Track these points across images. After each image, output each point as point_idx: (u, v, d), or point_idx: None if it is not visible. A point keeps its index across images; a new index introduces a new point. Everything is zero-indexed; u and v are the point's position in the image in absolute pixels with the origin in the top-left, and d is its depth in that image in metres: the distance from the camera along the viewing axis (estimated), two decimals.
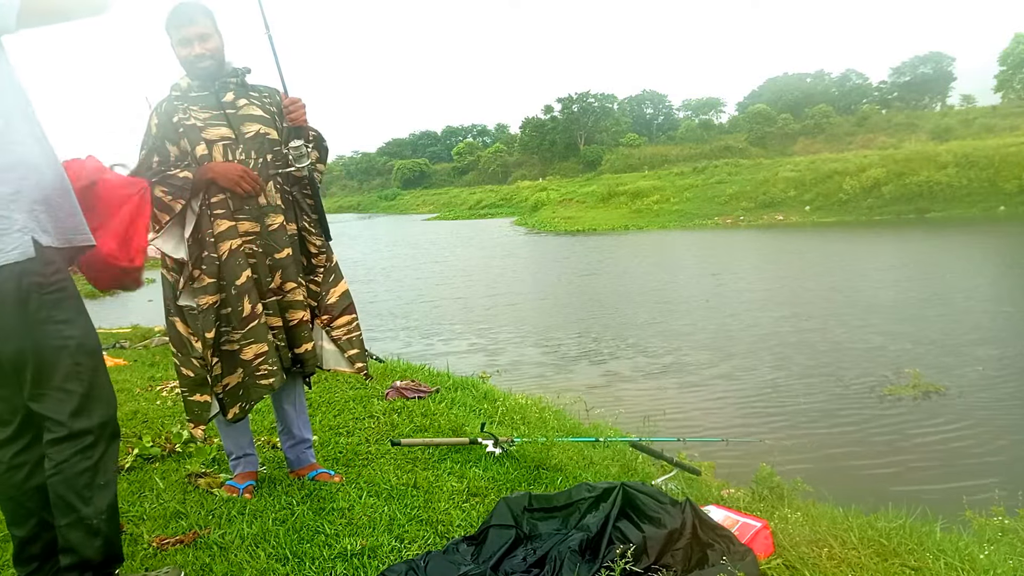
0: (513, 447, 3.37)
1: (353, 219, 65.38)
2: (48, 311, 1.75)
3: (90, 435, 1.81)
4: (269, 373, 2.60)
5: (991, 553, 2.23)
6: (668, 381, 8.59)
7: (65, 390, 1.79)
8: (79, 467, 1.79)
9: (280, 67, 2.66)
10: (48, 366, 1.77)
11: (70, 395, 1.79)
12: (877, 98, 62.57)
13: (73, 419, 1.79)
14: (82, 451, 1.80)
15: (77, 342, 1.81)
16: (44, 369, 1.77)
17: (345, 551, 2.25)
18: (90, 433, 1.81)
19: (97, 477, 1.83)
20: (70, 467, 1.78)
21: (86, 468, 1.80)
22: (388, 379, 4.83)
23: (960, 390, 7.39)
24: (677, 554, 2.05)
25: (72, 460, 1.78)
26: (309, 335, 2.73)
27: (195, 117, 2.56)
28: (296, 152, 2.59)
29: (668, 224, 34.85)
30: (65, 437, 1.79)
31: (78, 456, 1.79)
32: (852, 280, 15.19)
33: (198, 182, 2.51)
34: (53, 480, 1.78)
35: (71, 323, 1.81)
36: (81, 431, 1.80)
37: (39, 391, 1.78)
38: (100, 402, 1.85)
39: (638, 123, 74.85)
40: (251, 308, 2.57)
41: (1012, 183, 28.97)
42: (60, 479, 1.78)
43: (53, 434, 1.79)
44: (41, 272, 1.73)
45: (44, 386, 1.78)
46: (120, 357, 7.01)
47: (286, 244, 2.65)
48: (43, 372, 1.77)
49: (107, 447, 1.86)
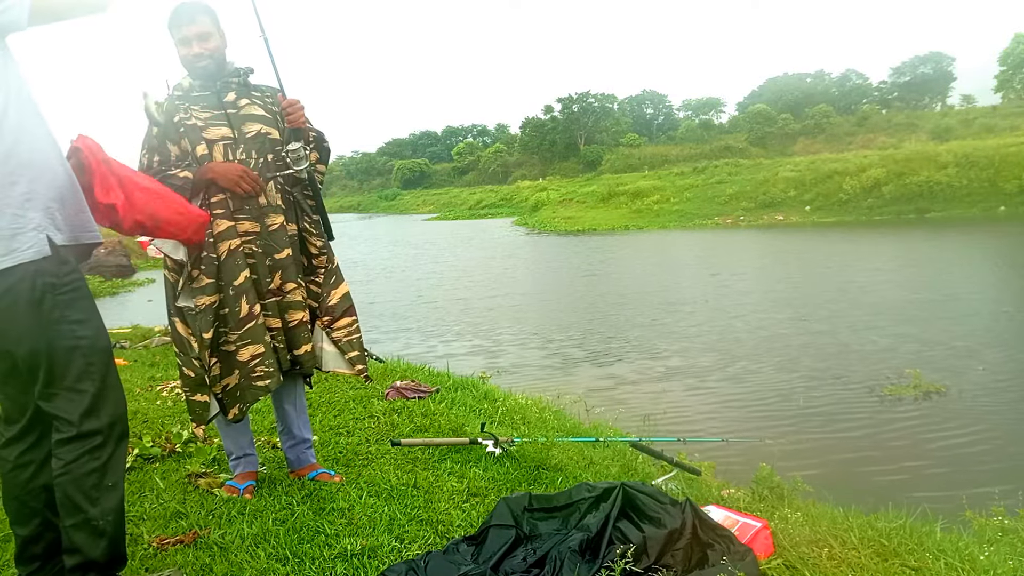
0: (513, 447, 3.37)
1: (353, 219, 65.37)
2: (62, 311, 1.75)
3: (99, 435, 1.81)
4: (265, 374, 2.60)
5: (991, 553, 2.23)
6: (668, 381, 8.59)
7: (76, 390, 1.79)
8: (87, 467, 1.79)
9: (277, 69, 2.67)
10: (61, 366, 1.77)
11: (82, 395, 1.79)
12: (877, 98, 62.58)
13: (83, 419, 1.79)
14: (91, 451, 1.80)
15: (90, 342, 1.81)
16: (57, 369, 1.77)
17: (345, 551, 2.25)
18: (99, 433, 1.81)
19: (105, 478, 1.82)
20: (79, 467, 1.78)
21: (94, 468, 1.80)
22: (388, 379, 4.83)
23: (961, 391, 7.39)
24: (677, 554, 2.05)
25: (81, 460, 1.78)
26: (308, 336, 2.73)
27: (196, 117, 2.56)
28: (295, 155, 2.60)
29: (668, 224, 34.84)
30: (74, 437, 1.78)
31: (87, 456, 1.79)
32: (852, 280, 15.18)
33: (198, 182, 2.51)
34: (61, 480, 1.78)
35: (84, 323, 1.81)
36: (90, 431, 1.80)
37: (50, 390, 1.78)
38: (110, 402, 1.85)
39: (638, 123, 74.84)
40: (248, 309, 2.56)
41: (1012, 183, 28.97)
42: (68, 479, 1.78)
43: (62, 434, 1.79)
44: (55, 272, 1.73)
45: (55, 386, 1.78)
46: (120, 357, 7.00)
47: (286, 244, 2.65)
48: (55, 372, 1.77)
49: (115, 448, 1.86)
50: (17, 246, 1.67)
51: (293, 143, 2.60)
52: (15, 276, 1.68)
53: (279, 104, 2.70)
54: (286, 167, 2.64)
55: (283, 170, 2.65)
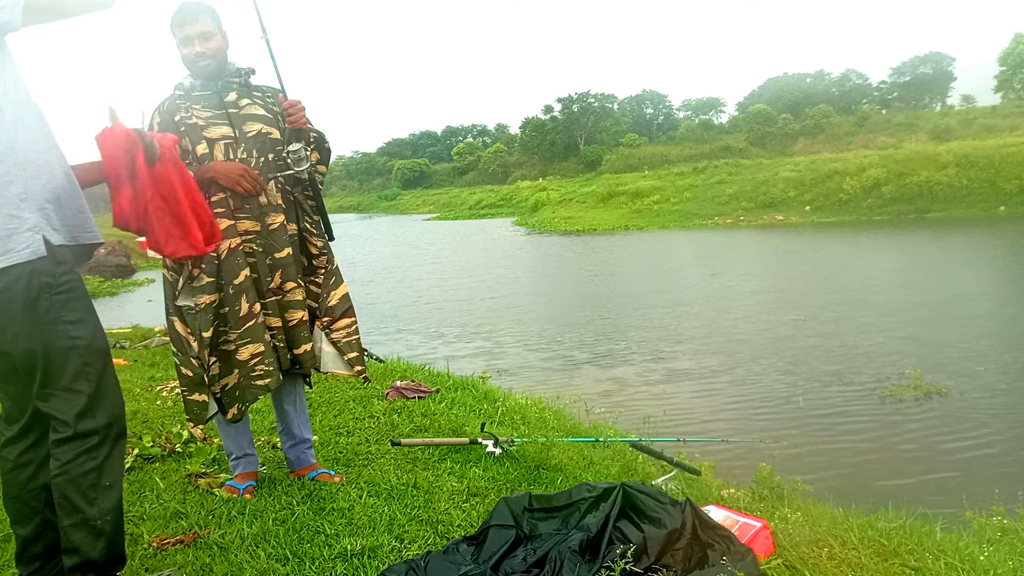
0: (513, 447, 3.37)
1: (353, 219, 65.37)
2: (58, 311, 1.75)
3: (95, 435, 1.81)
4: (265, 373, 2.60)
5: (991, 553, 2.23)
6: (668, 381, 8.59)
7: (73, 390, 1.79)
8: (84, 467, 1.79)
9: (278, 70, 2.67)
10: (57, 366, 1.77)
11: (78, 395, 1.79)
12: (877, 98, 62.59)
13: (79, 420, 1.79)
14: (87, 451, 1.80)
15: (86, 342, 1.81)
16: (53, 369, 1.76)
17: (345, 551, 2.25)
18: (95, 434, 1.81)
19: (103, 478, 1.82)
20: (76, 467, 1.78)
21: (91, 469, 1.80)
22: (388, 379, 4.83)
23: (962, 392, 7.38)
24: (677, 554, 2.05)
25: (78, 460, 1.78)
26: (308, 336, 2.73)
27: (197, 116, 2.57)
28: (296, 155, 2.60)
29: (668, 224, 34.84)
30: (71, 437, 1.78)
31: (83, 456, 1.79)
32: (852, 280, 15.19)
33: (198, 181, 2.51)
34: (58, 480, 1.78)
35: (81, 323, 1.81)
36: (87, 431, 1.80)
37: (47, 391, 1.78)
38: (106, 402, 1.85)
39: (638, 123, 74.83)
40: (248, 308, 2.57)
41: (1012, 183, 28.97)
42: (65, 479, 1.77)
43: (59, 434, 1.79)
44: (51, 272, 1.73)
45: (52, 386, 1.78)
46: (120, 357, 7.01)
47: (286, 244, 2.65)
48: (52, 372, 1.77)
49: (112, 447, 1.86)
50: (13, 246, 1.67)
51: (294, 144, 2.61)
52: (11, 276, 1.68)
53: (280, 104, 2.70)
54: (287, 167, 2.64)
55: (284, 170, 2.65)
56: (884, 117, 54.82)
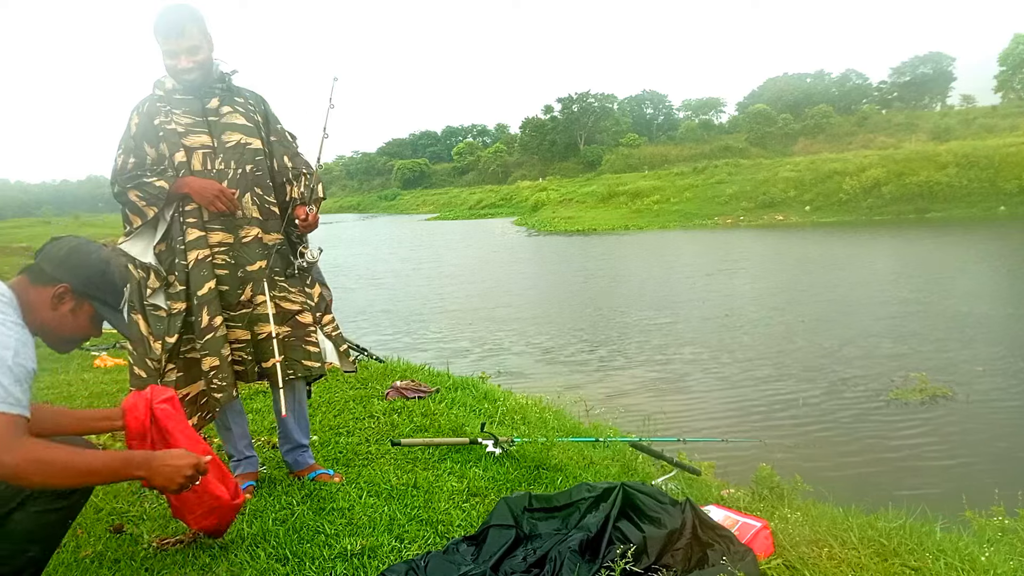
0: (513, 447, 3.37)
1: (353, 219, 65.37)
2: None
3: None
4: (218, 388, 2.59)
5: (991, 553, 2.23)
6: (668, 381, 8.59)
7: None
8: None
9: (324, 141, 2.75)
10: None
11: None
12: (877, 98, 62.68)
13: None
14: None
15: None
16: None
17: (345, 551, 2.25)
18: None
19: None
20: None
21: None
22: (388, 379, 4.82)
23: (967, 394, 7.36)
24: (677, 554, 2.05)
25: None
26: (274, 350, 2.67)
27: (176, 122, 2.54)
28: (309, 257, 2.76)
29: (668, 224, 34.83)
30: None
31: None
32: (852, 281, 15.19)
33: (173, 195, 2.51)
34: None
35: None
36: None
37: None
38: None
39: (638, 123, 74.90)
40: (208, 320, 2.55)
41: (1012, 183, 28.97)
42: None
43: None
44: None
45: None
46: (120, 357, 7.02)
47: (259, 256, 2.64)
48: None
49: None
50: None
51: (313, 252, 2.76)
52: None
53: (262, 112, 2.70)
54: (265, 178, 2.67)
55: (262, 181, 2.66)
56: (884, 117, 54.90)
